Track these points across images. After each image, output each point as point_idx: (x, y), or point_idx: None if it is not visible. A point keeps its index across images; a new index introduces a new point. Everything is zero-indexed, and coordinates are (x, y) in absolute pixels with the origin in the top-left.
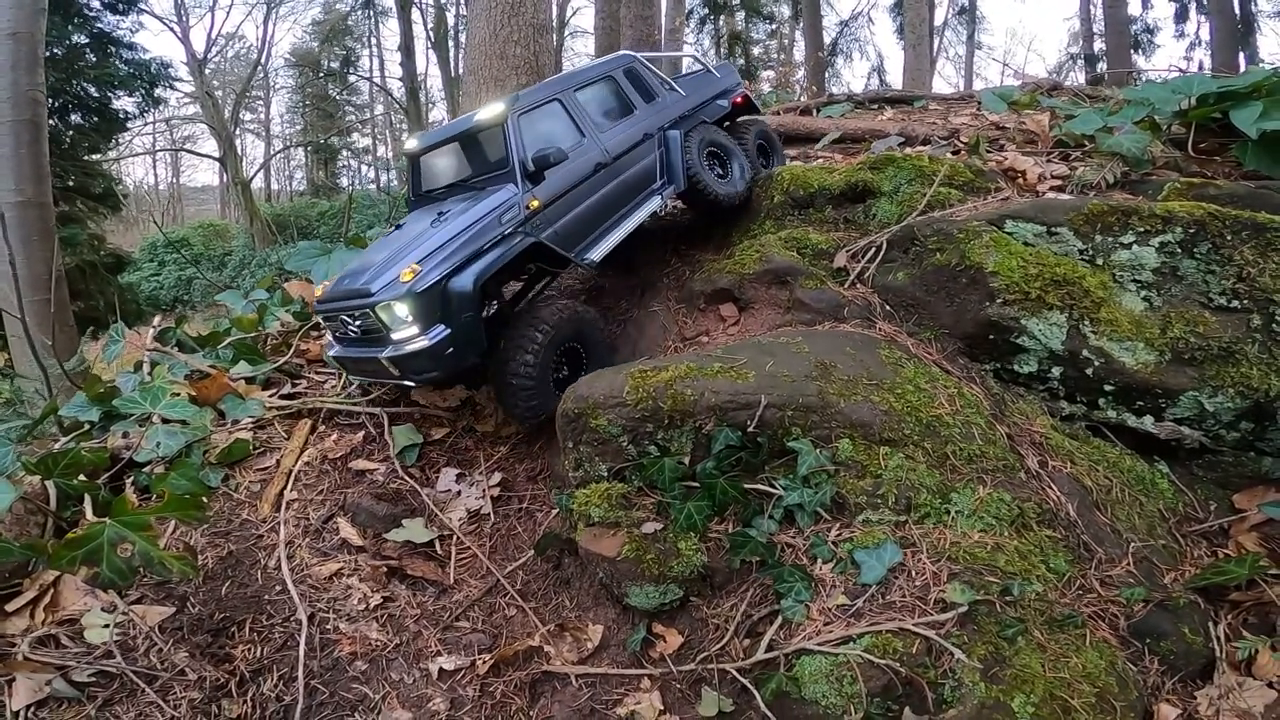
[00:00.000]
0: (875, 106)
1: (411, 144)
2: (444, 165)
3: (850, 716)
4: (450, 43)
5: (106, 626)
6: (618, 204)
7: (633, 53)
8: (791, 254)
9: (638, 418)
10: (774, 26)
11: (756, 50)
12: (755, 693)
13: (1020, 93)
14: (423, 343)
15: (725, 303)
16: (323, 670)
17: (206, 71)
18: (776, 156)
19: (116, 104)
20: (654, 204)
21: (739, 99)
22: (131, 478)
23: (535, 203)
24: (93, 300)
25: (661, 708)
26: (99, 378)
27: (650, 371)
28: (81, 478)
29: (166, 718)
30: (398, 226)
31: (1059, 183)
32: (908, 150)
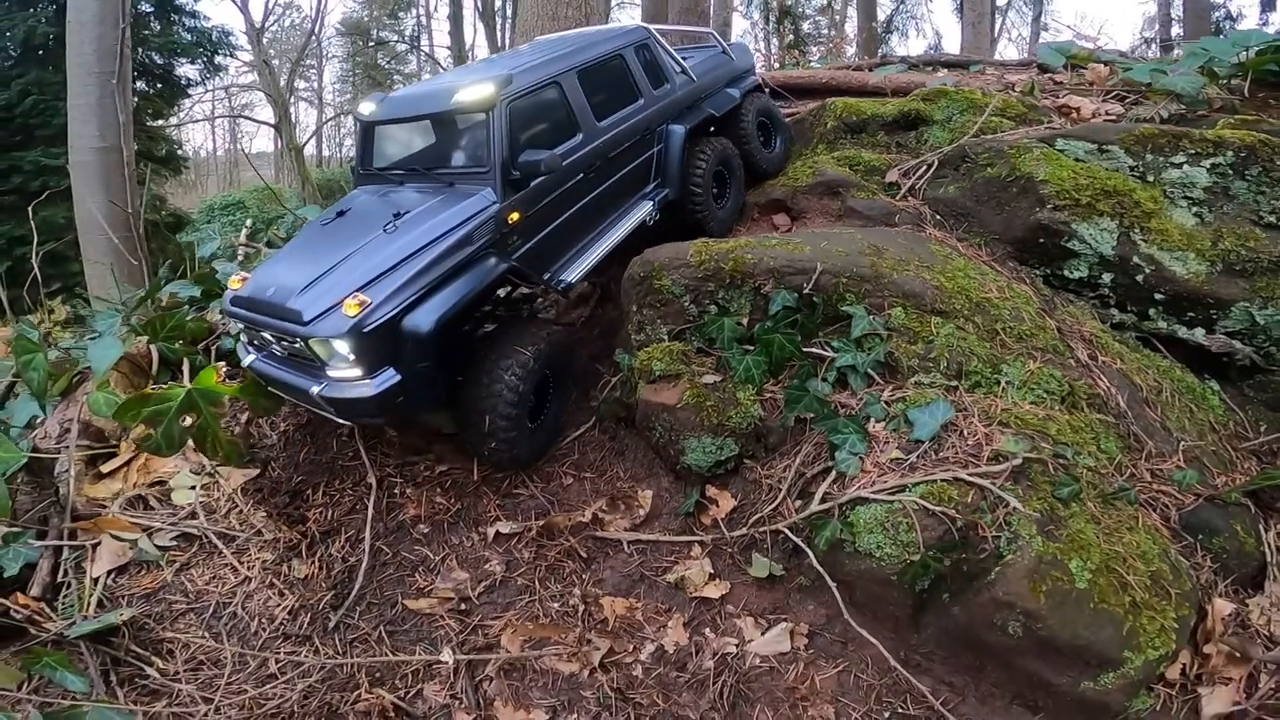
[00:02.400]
0: (929, 68)
1: (369, 108)
2: (407, 142)
3: (889, 559)
4: (497, 15)
5: (193, 488)
6: (602, 213)
7: (647, 26)
8: (844, 169)
9: (700, 277)
10: (826, 2)
11: (807, 25)
12: (808, 550)
13: (1078, 47)
14: (366, 389)
15: (779, 213)
16: (388, 532)
17: (264, 40)
18: (780, 134)
19: (179, 71)
20: (643, 212)
21: (751, 87)
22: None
23: (514, 216)
24: (153, 257)
25: (711, 572)
26: (205, 261)
27: (713, 243)
28: (182, 343)
29: (239, 579)
30: (339, 213)
31: (1113, 119)
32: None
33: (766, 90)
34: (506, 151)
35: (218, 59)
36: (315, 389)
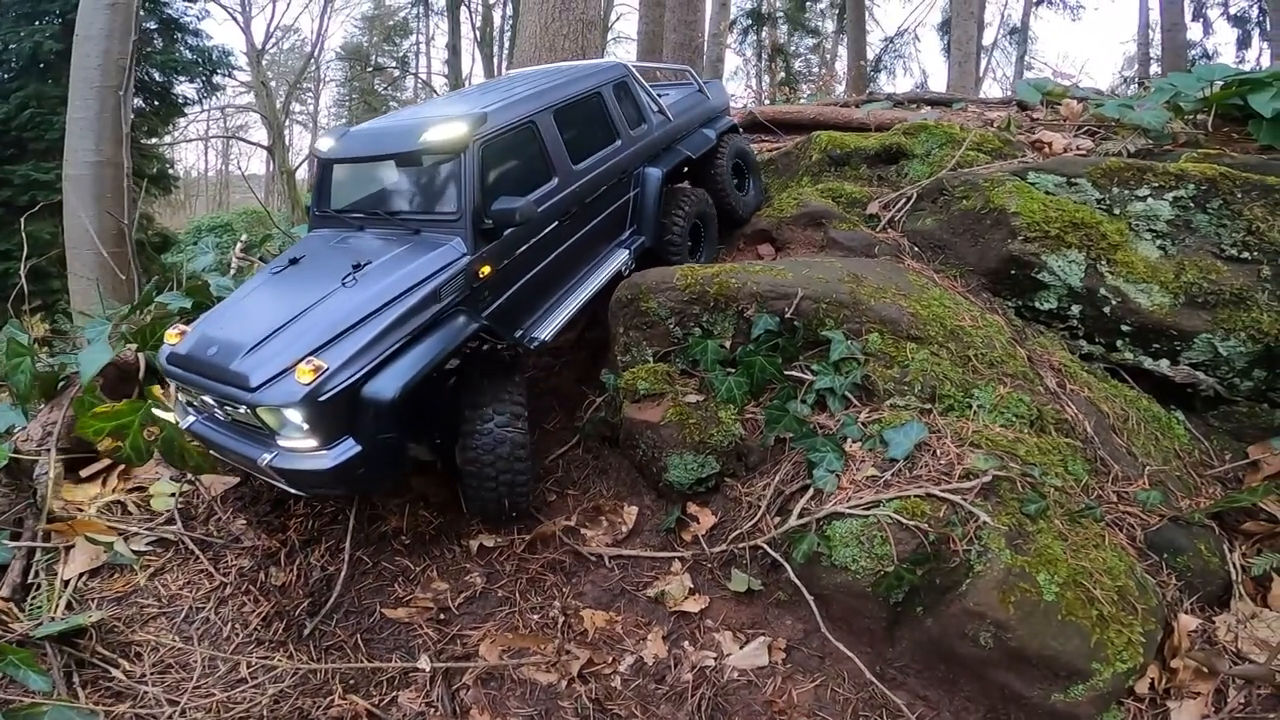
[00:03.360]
0: (913, 105)
1: (328, 144)
2: (368, 182)
3: (863, 572)
4: (495, 44)
5: (172, 495)
6: (577, 264)
7: (626, 63)
8: (827, 201)
9: (685, 300)
10: (817, 41)
11: (798, 63)
12: (786, 564)
13: (1054, 84)
14: (322, 460)
15: (764, 243)
16: (369, 543)
17: (263, 62)
18: (753, 177)
19: (177, 89)
20: (619, 261)
21: (726, 128)
22: None
23: (486, 269)
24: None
25: (691, 587)
26: (197, 275)
27: (698, 268)
28: None
29: (214, 584)
30: (292, 260)
31: (1083, 153)
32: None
33: (741, 131)
34: (479, 198)
35: (216, 78)
36: (265, 458)
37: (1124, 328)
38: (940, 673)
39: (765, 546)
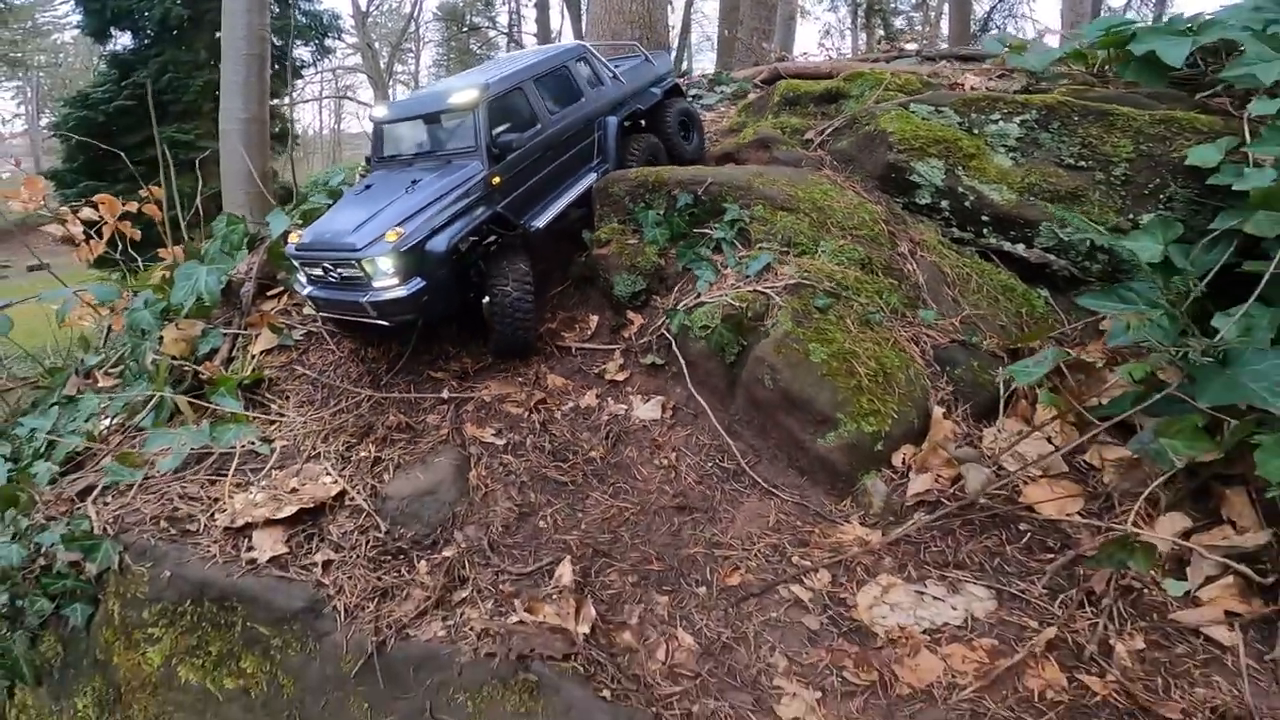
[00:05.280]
0: (940, 61)
1: (381, 112)
2: (412, 135)
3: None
4: (582, 2)
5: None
6: (561, 179)
7: (584, 43)
8: (777, 131)
9: (635, 186)
10: None
11: (899, 21)
12: (671, 339)
13: (1013, 39)
14: (401, 292)
15: (728, 163)
16: (427, 346)
17: (367, 24)
18: (696, 130)
19: (295, 53)
20: (591, 179)
21: (669, 87)
22: None
23: (497, 180)
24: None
25: (621, 364)
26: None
27: (646, 168)
28: None
29: (335, 357)
30: (367, 186)
31: (981, 90)
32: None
33: (684, 92)
34: (488, 135)
35: (327, 41)
36: (364, 298)
37: (983, 218)
38: (758, 424)
39: (665, 332)
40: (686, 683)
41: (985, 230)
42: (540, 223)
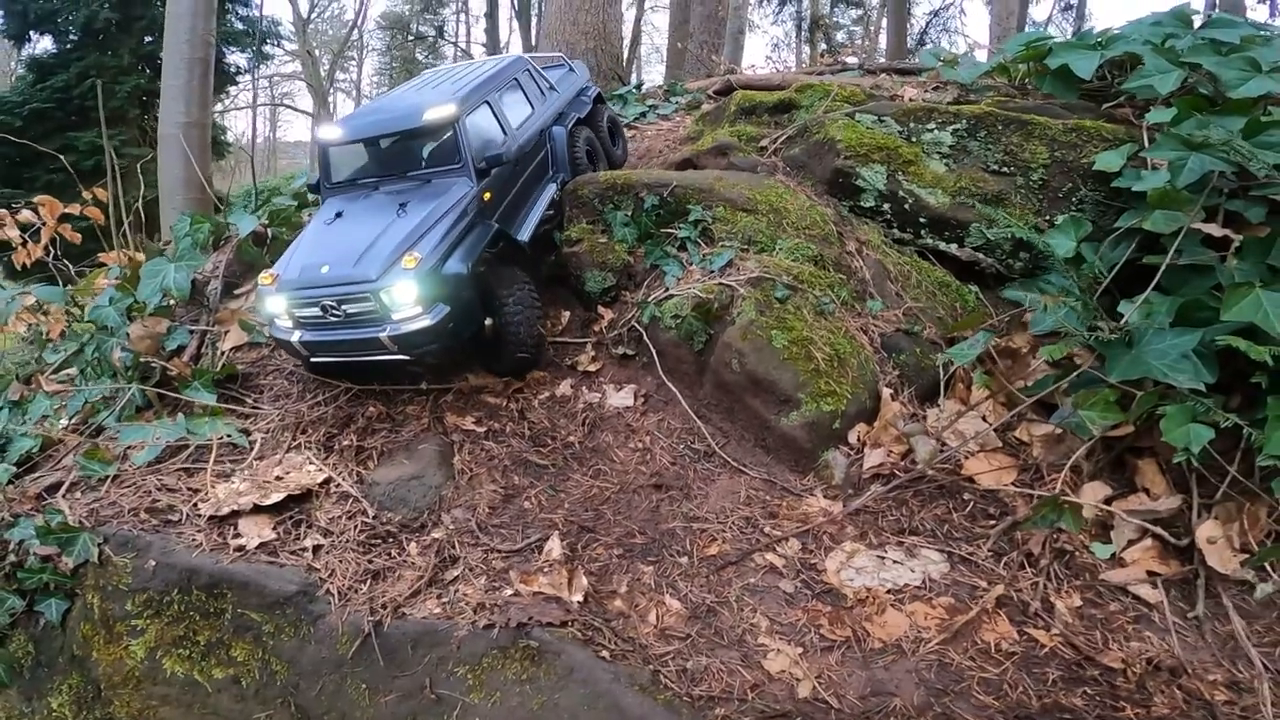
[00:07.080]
0: (880, 74)
1: (335, 133)
2: (374, 155)
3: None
4: (532, 12)
5: None
6: (529, 191)
7: (524, 56)
8: (734, 139)
9: (604, 188)
10: (861, 12)
11: (840, 35)
12: (642, 331)
13: (946, 53)
14: (426, 321)
15: (688, 169)
16: None
17: (308, 31)
18: (620, 138)
19: (229, 59)
20: (552, 190)
21: (595, 95)
22: None
23: (488, 195)
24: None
25: (593, 356)
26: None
27: (615, 171)
28: (285, 228)
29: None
30: (337, 214)
31: (917, 101)
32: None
33: (606, 101)
34: (473, 150)
35: (265, 48)
36: (384, 332)
37: (921, 220)
38: (725, 407)
39: (636, 324)
40: (678, 643)
41: (923, 231)
42: (525, 235)
